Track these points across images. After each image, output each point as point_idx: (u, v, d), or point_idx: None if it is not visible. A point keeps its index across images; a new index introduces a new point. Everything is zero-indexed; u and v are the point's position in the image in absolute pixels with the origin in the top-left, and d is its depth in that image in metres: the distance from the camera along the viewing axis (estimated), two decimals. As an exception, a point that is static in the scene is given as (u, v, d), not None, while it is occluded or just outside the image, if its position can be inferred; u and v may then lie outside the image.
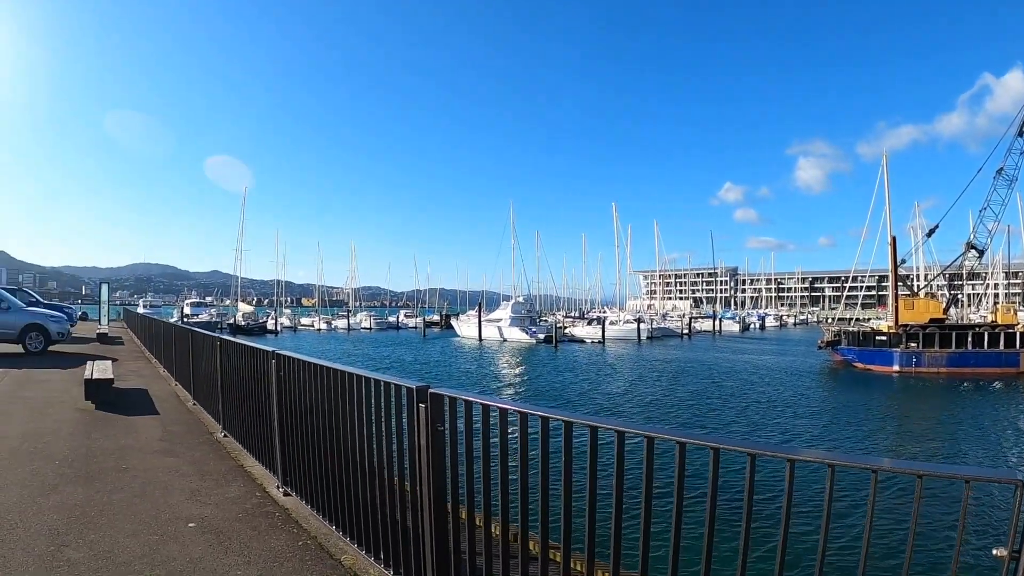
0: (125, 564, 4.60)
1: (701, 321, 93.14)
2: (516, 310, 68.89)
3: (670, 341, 70.22)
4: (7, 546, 4.81)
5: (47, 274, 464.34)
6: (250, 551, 4.96)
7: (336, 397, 4.93)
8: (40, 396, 11.68)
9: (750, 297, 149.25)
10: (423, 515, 4.07)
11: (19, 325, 19.58)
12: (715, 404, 27.70)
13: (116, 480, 6.69)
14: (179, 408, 11.21)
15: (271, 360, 6.25)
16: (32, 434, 8.60)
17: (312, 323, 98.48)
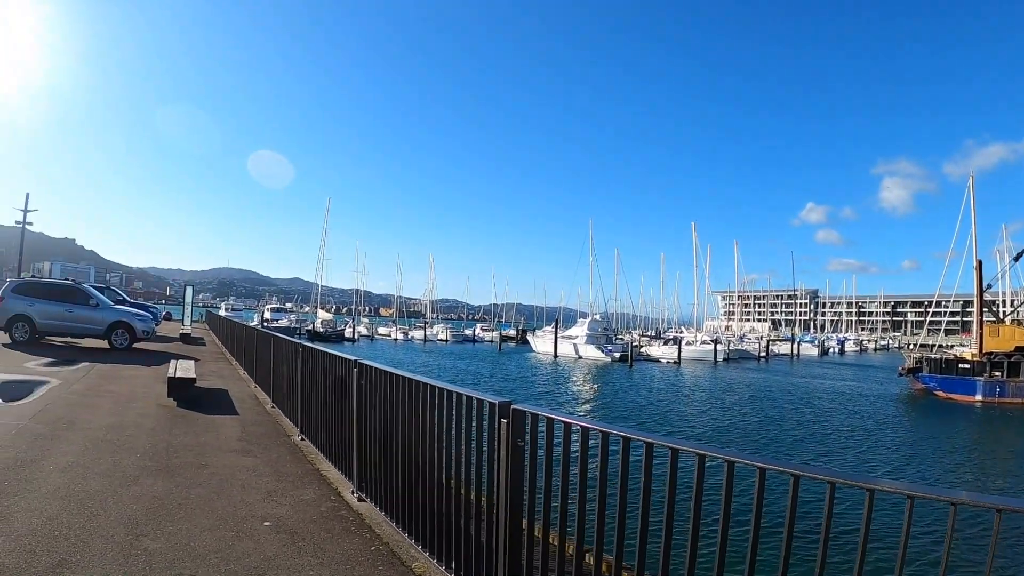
0: (201, 557, 4.85)
1: (779, 344, 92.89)
2: (592, 327, 69.63)
3: (747, 363, 70.07)
4: (88, 532, 5.15)
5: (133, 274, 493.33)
6: (323, 553, 5.16)
7: (417, 408, 5.14)
8: (124, 391, 12.45)
9: (830, 321, 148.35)
10: (497, 529, 4.16)
11: (106, 322, 20.99)
12: (791, 430, 27.42)
13: (195, 475, 7.06)
14: (258, 410, 11.73)
15: (353, 369, 6.51)
16: (116, 426, 9.18)
17: (389, 333, 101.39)
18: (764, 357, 78.17)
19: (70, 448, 7.73)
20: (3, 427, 8.41)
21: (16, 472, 6.55)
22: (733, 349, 74.57)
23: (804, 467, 2.77)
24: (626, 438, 3.39)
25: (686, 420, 29.24)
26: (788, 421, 29.53)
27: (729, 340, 79.28)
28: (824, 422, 29.47)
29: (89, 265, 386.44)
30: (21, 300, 20.30)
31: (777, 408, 33.75)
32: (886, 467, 21.18)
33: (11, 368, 14.24)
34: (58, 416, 9.47)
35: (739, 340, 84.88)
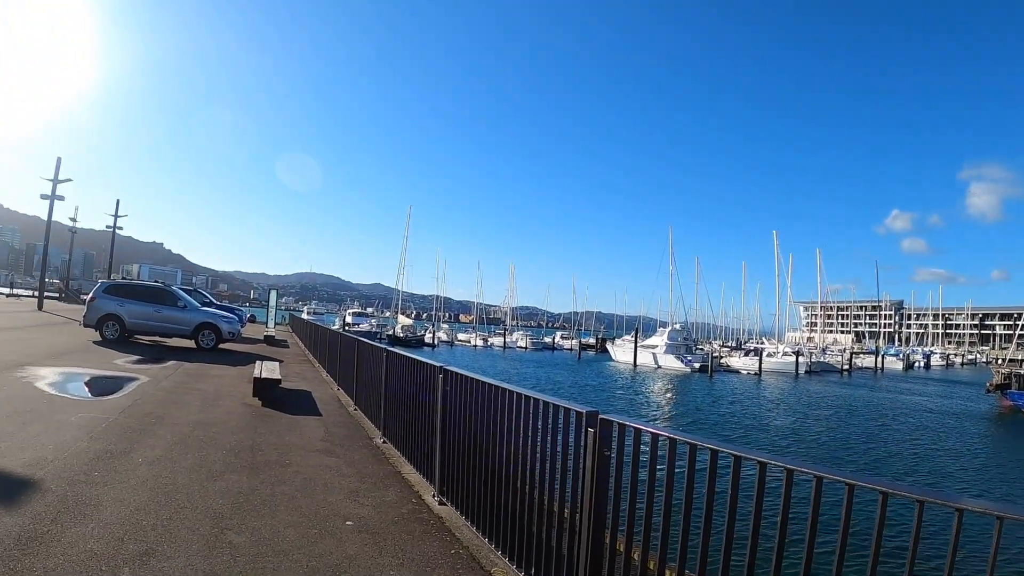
0: (284, 553, 5.02)
1: (862, 357, 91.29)
2: (672, 337, 69.75)
3: (829, 377, 68.79)
4: (174, 523, 5.41)
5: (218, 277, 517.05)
6: (404, 554, 5.28)
7: (501, 414, 5.27)
8: (211, 389, 13.02)
9: (915, 333, 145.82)
10: (580, 539, 4.19)
11: (194, 323, 22.15)
12: (876, 447, 26.58)
13: (279, 473, 7.33)
14: (340, 412, 12.07)
15: (439, 375, 6.70)
16: (202, 423, 9.60)
17: (469, 339, 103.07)
18: (847, 370, 76.91)
19: (158, 442, 8.13)
20: (94, 420, 8.92)
21: (106, 463, 6.94)
22: (815, 362, 73.58)
23: (893, 484, 2.74)
24: (714, 450, 3.40)
25: (768, 434, 28.76)
26: (872, 438, 28.78)
27: (811, 352, 78.42)
28: (908, 440, 28.62)
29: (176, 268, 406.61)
30: (112, 300, 21.58)
31: (861, 424, 33.00)
32: (969, 488, 20.38)
33: (102, 365, 15.12)
34: (147, 412, 9.98)
35: (821, 352, 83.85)
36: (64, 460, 6.86)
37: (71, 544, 4.72)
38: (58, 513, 5.31)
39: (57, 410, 9.39)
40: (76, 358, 15.91)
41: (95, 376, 13.40)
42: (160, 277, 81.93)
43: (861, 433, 29.83)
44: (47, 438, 7.69)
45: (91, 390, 11.81)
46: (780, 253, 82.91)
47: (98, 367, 14.69)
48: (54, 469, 6.51)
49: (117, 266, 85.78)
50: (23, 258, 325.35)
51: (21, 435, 7.71)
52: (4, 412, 8.84)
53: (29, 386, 11.08)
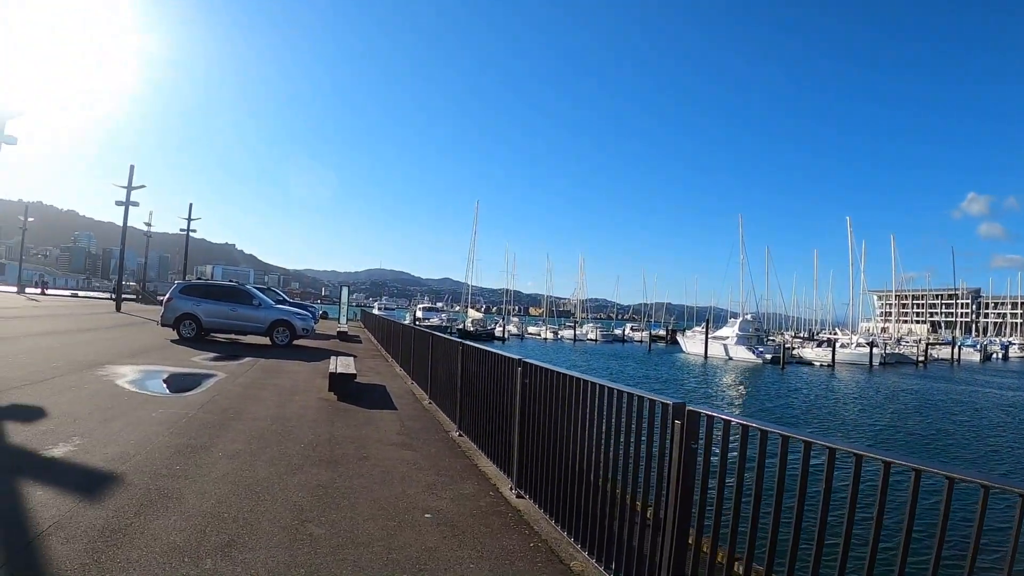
0: (364, 545, 5.04)
1: (938, 348, 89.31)
2: (743, 328, 69.49)
3: (904, 368, 67.77)
4: (255, 515, 5.49)
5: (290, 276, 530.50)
6: (483, 546, 5.27)
7: (582, 407, 5.22)
8: (287, 384, 13.30)
9: (993, 322, 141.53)
10: (664, 534, 4.10)
11: (268, 320, 22.80)
12: (965, 441, 25.56)
13: (357, 467, 7.40)
14: (415, 406, 12.16)
15: (517, 368, 6.70)
16: (280, 418, 9.79)
17: (539, 332, 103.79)
18: (922, 362, 75.63)
19: (237, 437, 8.32)
20: (174, 416, 9.18)
21: (187, 457, 7.12)
22: (889, 353, 72.67)
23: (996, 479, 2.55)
24: (807, 443, 3.28)
25: (843, 427, 28.00)
26: (962, 433, 27.65)
27: (885, 343, 77.79)
28: (984, 435, 27.37)
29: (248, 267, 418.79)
30: (188, 300, 22.39)
31: (943, 419, 31.71)
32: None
33: (180, 362, 15.62)
34: (225, 407, 10.24)
35: (896, 343, 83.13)
36: (146, 455, 7.06)
37: (154, 536, 4.82)
38: (141, 506, 5.45)
39: (138, 407, 9.70)
40: (155, 356, 16.49)
41: (174, 373, 13.84)
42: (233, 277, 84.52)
43: (945, 429, 28.77)
44: (129, 434, 7.93)
45: (170, 387, 12.19)
46: (853, 240, 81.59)
47: (176, 365, 15.18)
48: (136, 463, 6.71)
49: (191, 267, 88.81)
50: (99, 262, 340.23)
51: (104, 431, 7.98)
52: (87, 409, 9.16)
53: (110, 384, 11.49)
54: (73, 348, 16.98)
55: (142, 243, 67.79)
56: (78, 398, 9.95)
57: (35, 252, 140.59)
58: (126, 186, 40.85)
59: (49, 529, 4.77)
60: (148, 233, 64.41)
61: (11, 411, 8.78)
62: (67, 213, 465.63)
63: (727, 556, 3.65)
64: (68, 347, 17.19)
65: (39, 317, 29.16)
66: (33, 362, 13.32)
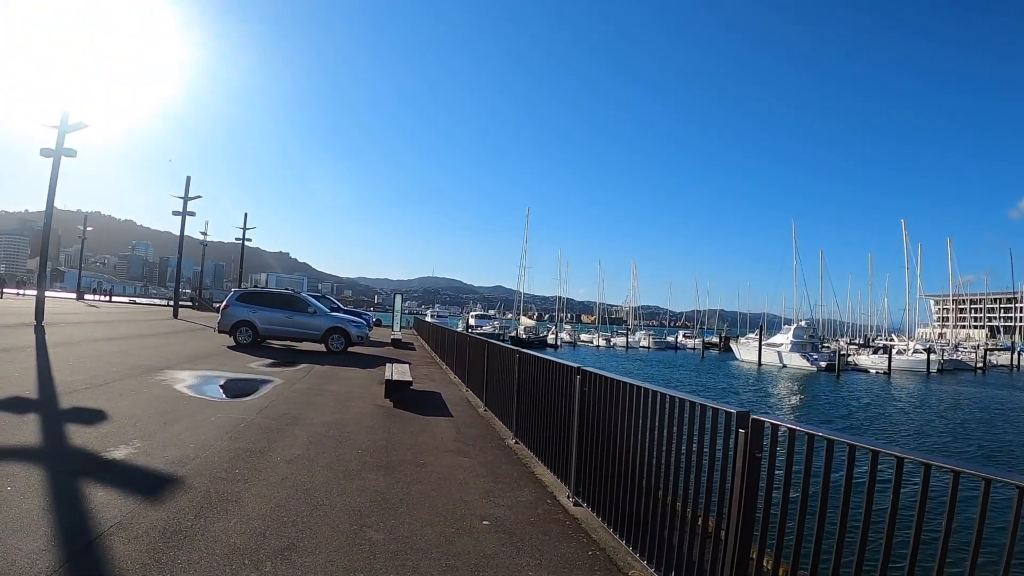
0: (422, 551, 5.04)
1: (997, 354, 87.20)
2: (797, 335, 68.65)
3: (962, 375, 66.41)
4: (314, 520, 5.54)
5: (343, 284, 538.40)
6: (541, 554, 5.24)
7: (643, 416, 5.22)
8: (342, 391, 13.44)
9: None
10: (726, 545, 4.05)
11: (323, 327, 23.19)
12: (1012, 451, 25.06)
13: (414, 473, 7.43)
14: (471, 413, 12.19)
15: (576, 376, 6.68)
16: (337, 423, 9.90)
17: (591, 339, 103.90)
18: (981, 368, 74.21)
19: (295, 442, 8.42)
20: (233, 420, 9.35)
21: (246, 461, 7.22)
22: (947, 359, 71.10)
23: None
24: (874, 452, 3.19)
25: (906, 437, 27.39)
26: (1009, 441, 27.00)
27: (943, 349, 75.83)
28: None
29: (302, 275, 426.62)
30: (244, 307, 22.91)
31: (1006, 428, 30.94)
32: None
33: (237, 368, 15.91)
34: (282, 412, 10.39)
35: (953, 349, 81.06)
36: (205, 458, 7.19)
37: (214, 538, 4.89)
38: (201, 508, 5.53)
39: (196, 411, 9.89)
40: (212, 362, 16.82)
41: (231, 379, 14.10)
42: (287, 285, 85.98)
43: (1012, 437, 28.18)
44: (188, 437, 8.09)
45: (228, 392, 12.41)
46: (908, 243, 79.96)
47: (233, 370, 15.47)
48: (196, 466, 6.82)
49: (246, 275, 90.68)
50: (156, 270, 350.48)
51: (164, 434, 8.14)
52: (147, 413, 9.37)
53: (169, 388, 11.75)
54: (132, 353, 17.41)
55: (198, 252, 69.58)
56: (138, 402, 10.18)
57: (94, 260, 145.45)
58: (183, 196, 42.00)
59: (111, 529, 4.86)
60: (204, 242, 66.11)
61: (73, 413, 9.02)
62: (125, 223, 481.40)
63: (790, 573, 3.56)
64: (127, 352, 17.62)
65: (99, 323, 30.00)
66: (95, 366, 13.68)
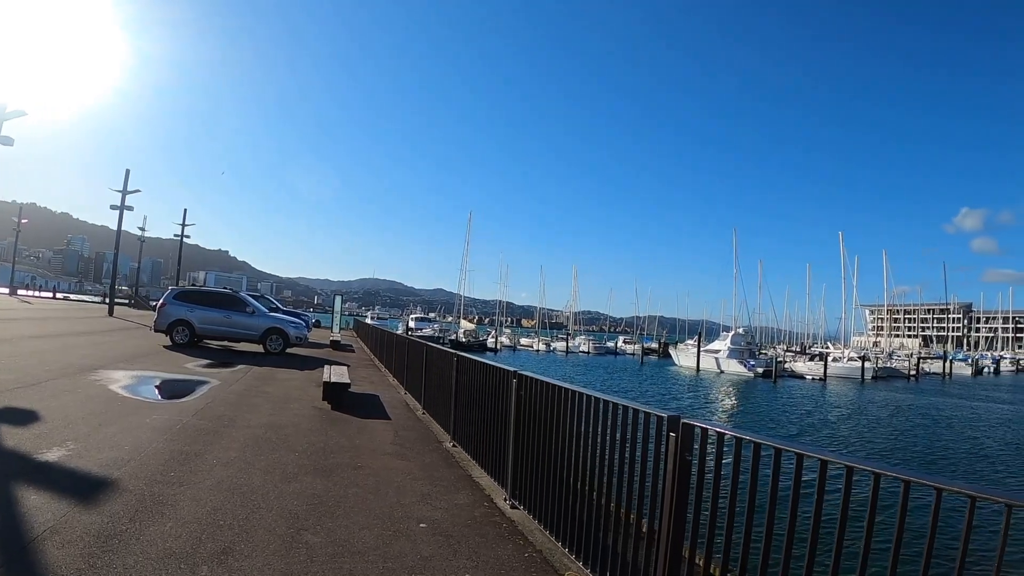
0: (360, 554, 5.04)
1: (930, 362, 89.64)
2: (735, 342, 69.36)
3: (896, 382, 67.89)
4: (251, 523, 5.48)
5: (283, 283, 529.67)
6: (478, 557, 5.28)
7: (578, 419, 5.29)
8: (280, 393, 13.27)
9: (984, 337, 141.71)
10: (658, 549, 4.13)
11: (262, 328, 22.81)
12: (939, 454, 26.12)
13: (351, 476, 7.39)
14: (409, 416, 12.16)
15: (513, 379, 6.70)
16: (274, 426, 9.77)
17: (531, 344, 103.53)
18: (914, 376, 75.97)
19: (232, 444, 8.30)
20: (168, 422, 9.16)
21: (182, 464, 7.10)
22: (881, 367, 72.74)
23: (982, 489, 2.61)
24: (799, 455, 3.31)
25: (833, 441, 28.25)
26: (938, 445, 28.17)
27: (877, 357, 77.80)
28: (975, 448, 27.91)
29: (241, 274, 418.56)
30: (181, 306, 22.34)
31: (937, 432, 32.21)
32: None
33: (173, 369, 15.57)
34: (219, 414, 10.21)
35: (888, 357, 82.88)
36: (140, 460, 7.04)
37: (150, 542, 4.81)
38: (136, 511, 5.43)
39: (131, 412, 9.67)
40: (148, 362, 16.43)
41: (167, 379, 13.80)
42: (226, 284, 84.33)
43: (932, 441, 29.25)
44: (123, 439, 7.90)
45: (164, 393, 12.16)
46: (846, 255, 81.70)
47: (170, 371, 15.13)
48: (131, 469, 6.68)
49: (184, 273, 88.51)
50: (92, 266, 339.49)
51: (98, 436, 7.94)
52: (81, 414, 9.12)
53: (104, 389, 11.44)
54: (66, 352, 16.90)
55: (135, 247, 67.51)
56: (72, 402, 9.90)
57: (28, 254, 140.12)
58: (121, 190, 40.81)
59: (44, 534, 4.74)
60: (142, 238, 64.20)
61: (4, 414, 8.73)
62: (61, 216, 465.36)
63: (721, 570, 3.67)
64: (61, 351, 17.10)
65: (32, 320, 29.04)
66: (27, 365, 13.25)
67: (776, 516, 3.38)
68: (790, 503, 3.28)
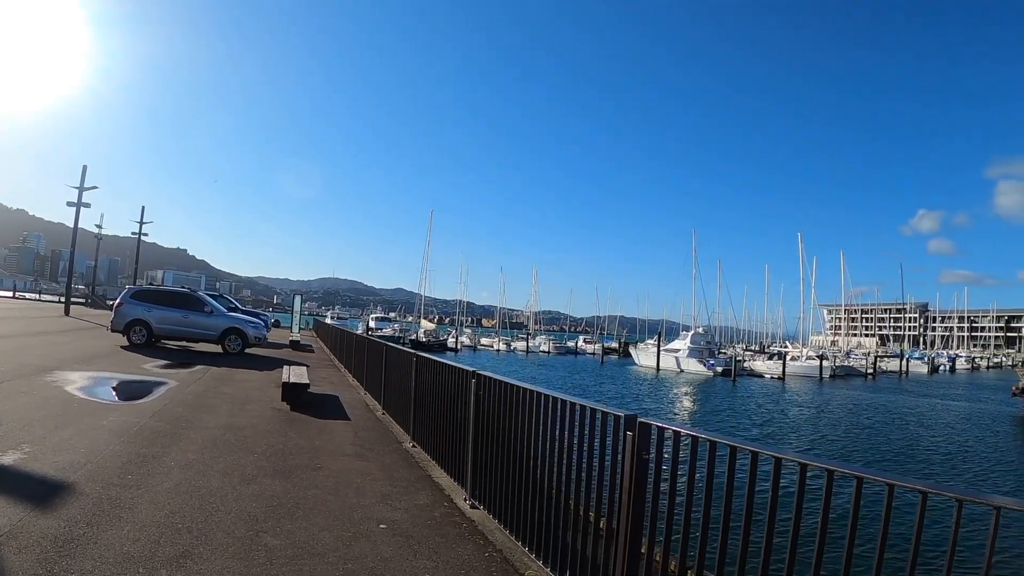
0: (319, 555, 5.02)
1: (887, 360, 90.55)
2: (695, 341, 69.77)
3: (854, 381, 68.75)
4: (209, 526, 5.42)
5: (242, 283, 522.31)
6: (438, 557, 5.28)
7: (536, 419, 5.30)
8: (239, 393, 13.10)
9: (940, 336, 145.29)
10: (617, 543, 4.17)
11: (220, 327, 22.41)
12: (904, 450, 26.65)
13: (311, 477, 7.34)
14: (369, 416, 12.09)
15: (471, 380, 6.70)
16: (233, 427, 9.66)
17: (492, 343, 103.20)
18: (871, 374, 76.89)
19: (190, 446, 8.18)
20: (126, 424, 8.99)
21: (140, 467, 6.98)
22: (839, 365, 73.71)
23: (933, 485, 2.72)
24: (754, 452, 3.38)
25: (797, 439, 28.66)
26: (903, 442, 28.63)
27: (835, 356, 78.78)
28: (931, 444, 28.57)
29: (200, 274, 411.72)
30: (139, 306, 21.85)
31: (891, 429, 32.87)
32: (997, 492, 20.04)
33: (131, 369, 15.28)
34: (177, 416, 10.05)
35: (845, 356, 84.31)
36: (97, 463, 6.92)
37: (107, 546, 4.74)
38: (93, 516, 5.34)
39: (88, 414, 9.48)
40: (105, 363, 16.10)
41: (124, 380, 13.54)
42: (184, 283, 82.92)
43: (889, 437, 29.74)
44: (80, 442, 7.75)
45: (121, 394, 11.92)
46: (804, 255, 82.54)
47: (127, 372, 14.85)
48: (88, 472, 6.57)
49: (142, 272, 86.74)
50: (48, 264, 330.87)
51: (54, 438, 7.78)
52: (36, 416, 8.93)
53: (60, 390, 11.20)
54: (21, 352, 16.49)
55: (92, 245, 65.91)
56: (27, 404, 9.68)
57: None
58: (78, 187, 39.80)
59: (0, 539, 4.65)
60: (99, 236, 62.61)
61: (-43, 417, 8.51)
62: (17, 212, 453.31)
63: (679, 565, 3.73)
64: (16, 351, 16.68)
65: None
66: (-21, 366, 12.90)
67: (732, 512, 3.45)
68: (746, 499, 3.33)
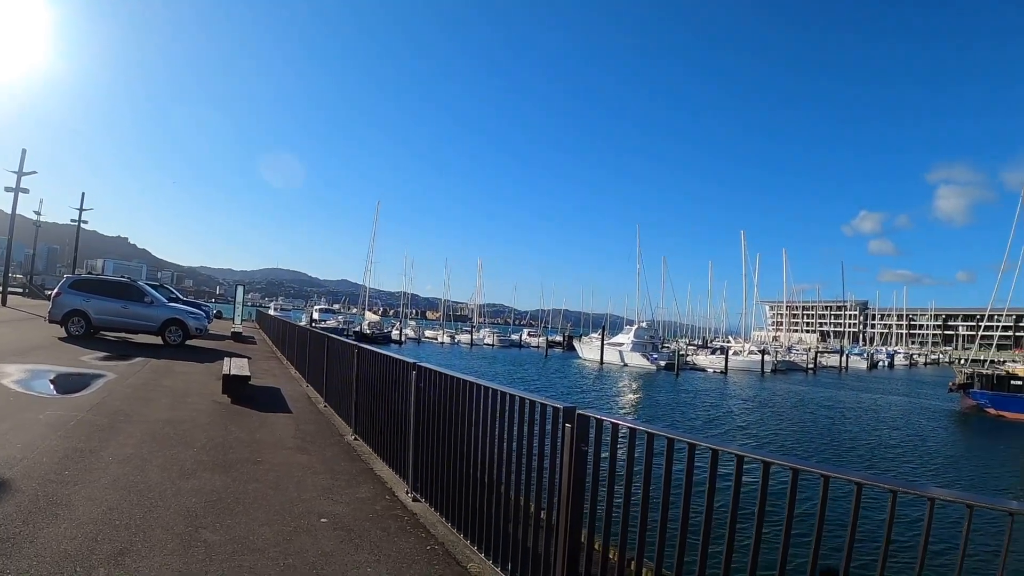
0: (259, 551, 5.00)
1: (827, 356, 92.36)
2: (639, 335, 70.35)
3: (794, 375, 69.92)
4: (148, 522, 5.35)
5: (184, 273, 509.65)
6: (380, 550, 5.29)
7: (477, 411, 5.31)
8: (179, 386, 12.85)
9: (879, 333, 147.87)
10: (557, 534, 4.23)
11: (160, 319, 21.77)
12: (842, 443, 27.46)
13: (251, 471, 7.27)
14: (311, 409, 11.99)
15: (412, 371, 6.69)
16: (172, 421, 9.48)
17: (436, 336, 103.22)
18: (812, 369, 78.37)
19: (128, 440, 8.02)
20: (63, 418, 8.76)
21: (76, 462, 6.83)
22: (781, 360, 74.73)
23: (868, 476, 2.84)
24: (691, 444, 3.44)
25: (728, 431, 29.26)
26: (841, 435, 29.47)
27: (777, 351, 79.99)
28: (871, 437, 29.37)
29: (141, 263, 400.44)
30: (77, 296, 21.10)
31: (829, 422, 33.75)
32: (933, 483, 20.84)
33: (68, 361, 14.84)
34: (115, 409, 9.82)
35: (787, 351, 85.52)
36: (33, 459, 6.75)
37: (44, 545, 4.65)
38: (29, 513, 5.23)
39: (24, 408, 9.22)
40: (42, 355, 15.60)
41: (62, 373, 13.15)
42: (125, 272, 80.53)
43: (830, 431, 30.50)
44: (15, 436, 7.55)
45: (58, 387, 11.58)
46: (747, 252, 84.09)
47: (65, 364, 14.41)
48: (23, 468, 6.40)
49: (81, 260, 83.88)
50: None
51: (-12, 434, 7.55)
52: (-31, 410, 8.64)
53: (-6, 383, 10.83)
54: (-49, 344, 15.86)
55: (31, 233, 63.37)
56: (-42, 398, 9.36)
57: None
58: (16, 171, 38.33)
59: (-69, 538, 4.52)
60: (37, 223, 60.26)
61: None
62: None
63: (618, 554, 3.80)
64: (-54, 342, 16.03)
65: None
66: (-93, 358, 12.39)
67: (671, 502, 3.52)
68: (683, 490, 3.41)
